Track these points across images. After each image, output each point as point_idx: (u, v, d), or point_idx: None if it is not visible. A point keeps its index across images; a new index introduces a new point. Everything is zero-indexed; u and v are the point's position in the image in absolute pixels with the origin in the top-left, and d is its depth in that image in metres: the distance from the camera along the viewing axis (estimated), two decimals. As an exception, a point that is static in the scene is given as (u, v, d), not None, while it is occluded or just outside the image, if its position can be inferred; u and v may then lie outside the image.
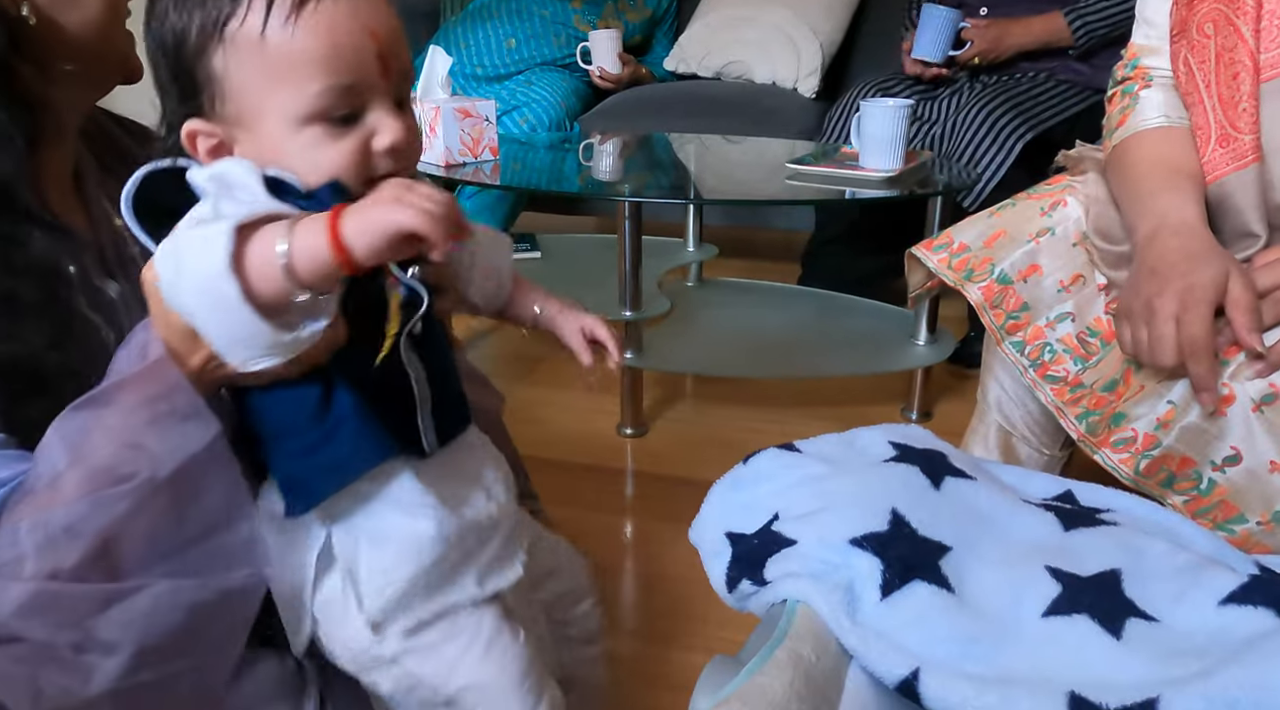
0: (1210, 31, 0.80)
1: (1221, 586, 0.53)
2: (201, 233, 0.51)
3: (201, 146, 0.58)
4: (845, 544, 0.57)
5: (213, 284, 0.49)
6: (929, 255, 0.94)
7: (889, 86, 1.92)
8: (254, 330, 0.51)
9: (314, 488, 0.61)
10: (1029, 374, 0.88)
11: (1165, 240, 0.76)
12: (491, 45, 2.39)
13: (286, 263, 0.49)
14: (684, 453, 1.52)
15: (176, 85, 0.59)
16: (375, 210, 0.50)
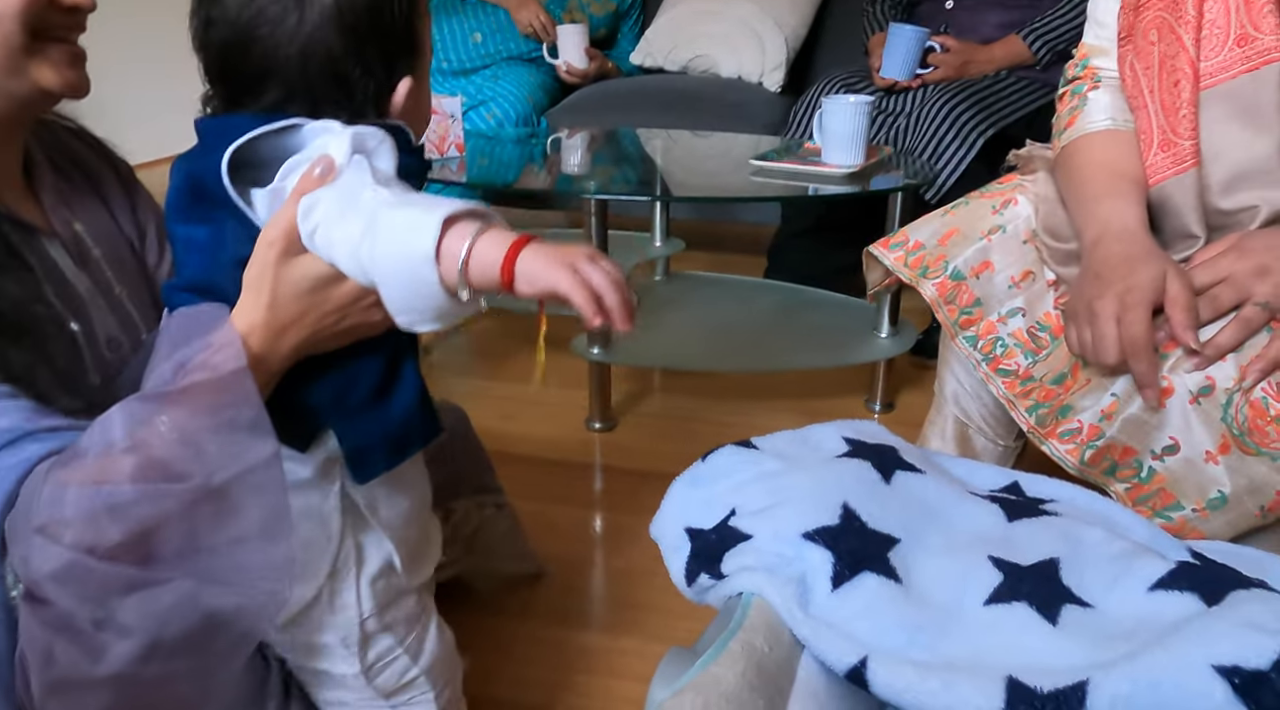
0: (1154, 38, 0.83)
1: (1151, 573, 0.56)
2: (406, 216, 0.55)
3: (406, 98, 0.65)
4: (798, 538, 0.59)
5: (414, 266, 0.54)
6: (885, 253, 0.97)
7: (853, 83, 1.95)
8: (436, 305, 0.56)
9: (380, 459, 0.68)
10: (982, 368, 0.90)
11: (1108, 245, 0.79)
12: (457, 39, 2.39)
13: (463, 265, 0.54)
14: (652, 447, 1.54)
15: (403, 42, 0.64)
16: (553, 264, 0.54)
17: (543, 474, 1.46)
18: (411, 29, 0.66)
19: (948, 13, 1.98)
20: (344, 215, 0.57)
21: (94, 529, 0.55)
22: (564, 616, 1.14)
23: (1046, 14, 1.87)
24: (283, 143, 0.62)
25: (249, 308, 0.60)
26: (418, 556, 0.77)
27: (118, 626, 0.56)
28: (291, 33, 0.61)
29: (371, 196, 0.57)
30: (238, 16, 0.61)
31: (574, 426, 1.61)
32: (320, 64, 0.62)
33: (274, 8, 0.61)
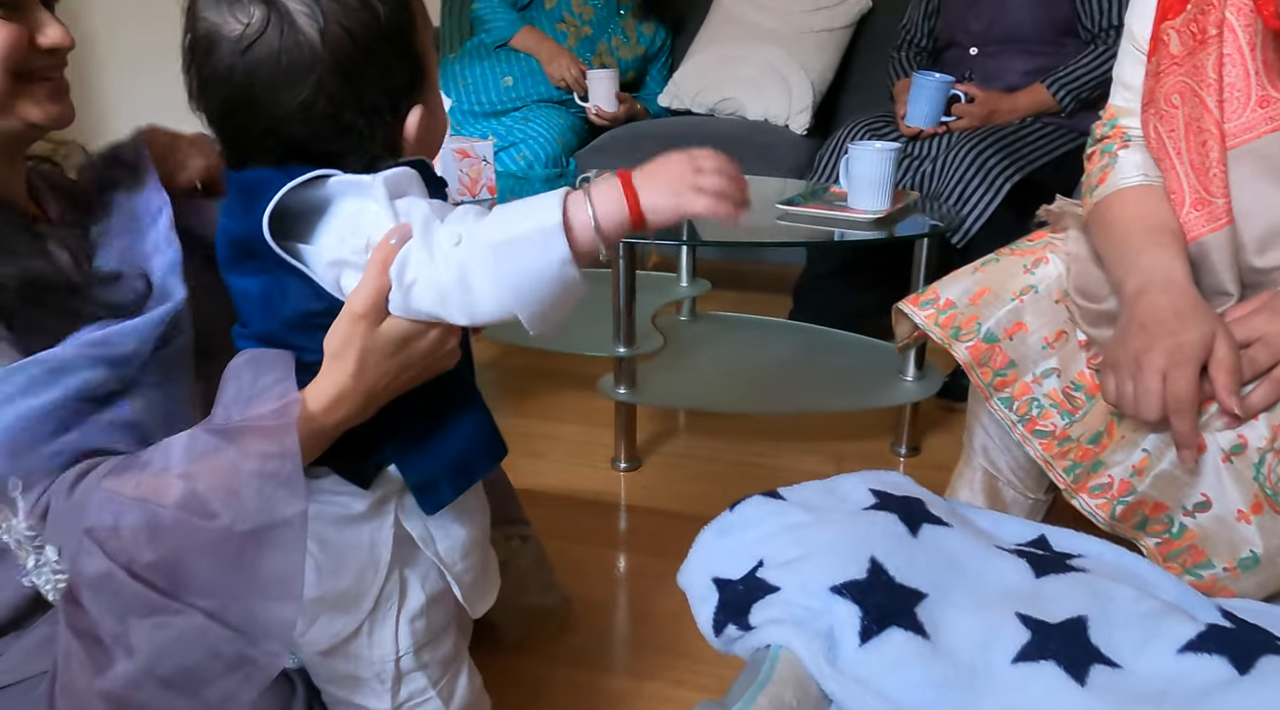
0: (1177, 102, 0.83)
1: (1181, 634, 0.56)
2: (526, 234, 0.56)
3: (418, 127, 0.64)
4: (826, 591, 0.60)
5: (557, 275, 0.56)
6: (916, 311, 0.98)
7: (878, 128, 1.97)
8: (578, 294, 0.58)
9: (447, 488, 0.68)
10: (1018, 429, 0.90)
11: (1154, 297, 0.78)
12: (489, 82, 2.44)
13: (595, 225, 0.56)
14: (677, 488, 1.55)
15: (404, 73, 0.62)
16: (672, 194, 0.57)
17: (567, 513, 1.47)
18: (413, 51, 0.63)
19: (972, 59, 2.00)
20: (443, 262, 0.58)
21: (134, 545, 0.57)
22: (590, 660, 1.14)
23: (1071, 63, 1.89)
24: (313, 192, 0.61)
25: (336, 376, 0.62)
26: (479, 587, 0.77)
27: (126, 645, 0.57)
28: (288, 88, 0.59)
29: (455, 244, 0.58)
30: (230, 76, 0.59)
31: (599, 466, 1.62)
32: (323, 116, 0.60)
33: (266, 66, 0.58)
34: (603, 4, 2.52)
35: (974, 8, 1.98)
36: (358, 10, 0.59)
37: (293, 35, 0.58)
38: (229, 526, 0.58)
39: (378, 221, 0.60)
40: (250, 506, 0.58)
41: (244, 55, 0.58)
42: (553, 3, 2.50)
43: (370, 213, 0.60)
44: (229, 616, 0.59)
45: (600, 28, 2.52)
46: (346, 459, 0.67)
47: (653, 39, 2.62)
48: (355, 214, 0.61)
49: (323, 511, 0.68)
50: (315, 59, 0.58)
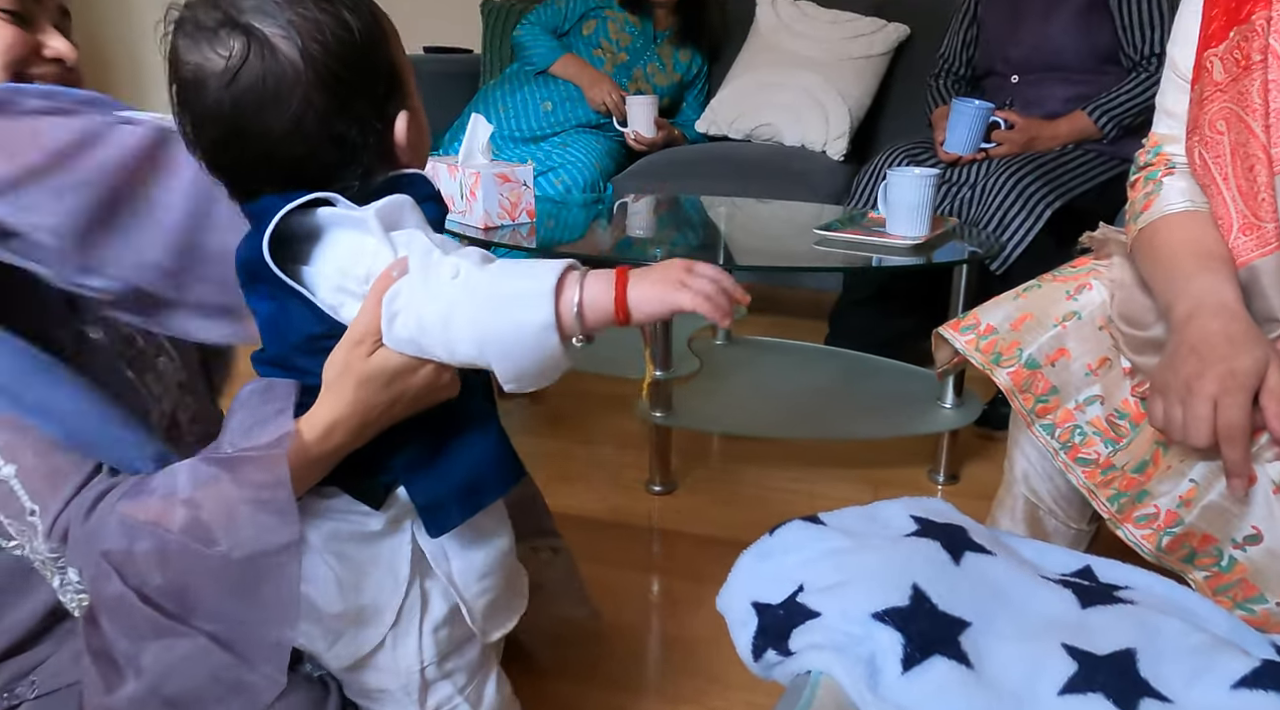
0: (1222, 128, 0.83)
1: (1235, 669, 0.54)
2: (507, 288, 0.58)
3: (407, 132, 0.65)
4: (868, 617, 0.59)
5: (534, 334, 0.57)
6: (956, 336, 0.97)
7: (916, 154, 1.97)
8: (553, 365, 0.58)
9: (454, 511, 0.68)
10: (1060, 457, 0.89)
11: (1205, 321, 0.77)
12: (529, 108, 2.48)
13: (578, 311, 0.57)
14: (711, 512, 1.54)
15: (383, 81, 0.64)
16: (661, 288, 0.58)
17: (601, 536, 1.47)
18: (389, 60, 0.65)
19: (1013, 87, 2.00)
20: (434, 295, 0.59)
21: (145, 569, 0.59)
22: (623, 683, 1.13)
23: (1112, 90, 1.88)
24: (312, 217, 0.63)
25: (333, 404, 0.63)
26: (499, 609, 0.76)
27: (137, 666, 0.59)
28: (277, 109, 0.60)
29: (454, 277, 0.58)
30: (221, 110, 0.60)
31: (633, 489, 1.62)
32: (315, 132, 0.61)
33: (253, 92, 0.60)
34: (639, 31, 2.55)
35: (1014, 36, 1.98)
36: (332, 26, 0.61)
37: (274, 59, 0.60)
38: (227, 553, 0.59)
39: (378, 254, 0.61)
40: (246, 534, 0.59)
41: (230, 87, 0.59)
42: (590, 29, 2.53)
43: (370, 245, 0.61)
44: (232, 640, 0.61)
45: (637, 54, 2.55)
46: (355, 479, 0.67)
47: (689, 66, 2.65)
48: (355, 246, 0.62)
49: (340, 529, 0.69)
50: (298, 77, 0.60)
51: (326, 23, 0.60)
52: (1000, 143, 1.88)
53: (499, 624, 0.76)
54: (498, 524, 0.76)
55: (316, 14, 0.60)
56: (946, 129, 1.90)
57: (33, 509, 0.64)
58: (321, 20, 0.60)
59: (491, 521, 0.74)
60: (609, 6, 2.53)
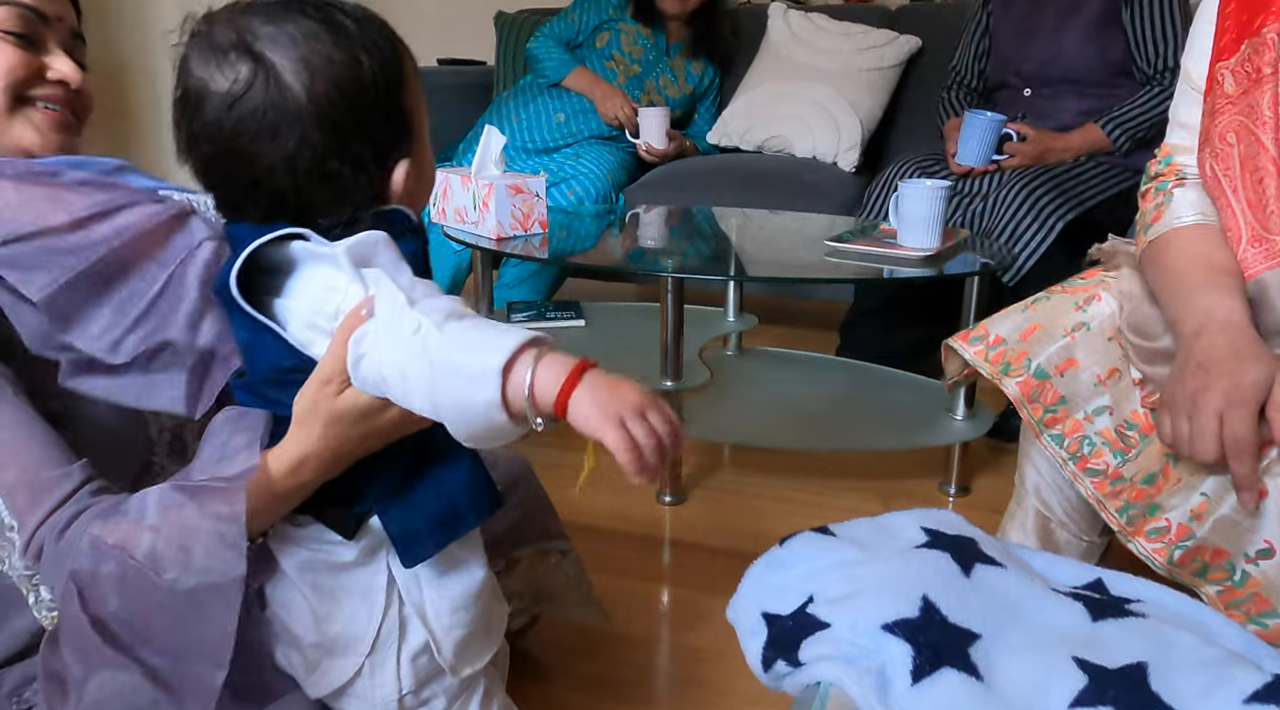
0: (1233, 140, 0.83)
1: (1247, 685, 0.54)
2: (459, 363, 0.55)
3: (405, 180, 0.64)
4: (877, 629, 0.59)
5: (482, 411, 0.55)
6: (965, 347, 0.97)
7: (928, 166, 1.97)
8: (503, 434, 0.56)
9: (428, 541, 0.66)
10: (1069, 467, 0.89)
11: (1212, 337, 0.77)
12: (542, 119, 2.49)
13: (528, 394, 0.54)
14: (722, 522, 1.54)
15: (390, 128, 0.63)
16: (601, 412, 0.54)
17: (612, 546, 1.47)
18: (401, 109, 0.64)
19: (1025, 100, 2.00)
20: (394, 345, 0.57)
21: (106, 592, 0.58)
22: (634, 694, 1.13)
23: (1125, 103, 1.88)
24: (285, 250, 0.61)
25: (301, 439, 0.62)
26: (471, 644, 0.73)
27: (80, 693, 0.59)
28: (273, 141, 0.59)
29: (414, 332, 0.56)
30: (218, 131, 0.60)
31: (644, 499, 1.62)
32: (307, 169, 0.60)
33: (252, 120, 0.59)
34: (652, 43, 2.56)
35: (1027, 49, 1.98)
36: (345, 66, 0.60)
37: (279, 91, 0.59)
38: (172, 583, 0.58)
39: (348, 292, 0.60)
40: (196, 565, 0.59)
41: (231, 110, 0.59)
42: (603, 41, 2.55)
43: (341, 282, 0.60)
44: (168, 676, 0.60)
45: (649, 67, 2.57)
46: (328, 509, 0.66)
47: (701, 78, 2.66)
48: (326, 282, 0.61)
49: (314, 558, 0.68)
50: (301, 113, 0.59)
51: (340, 62, 0.60)
52: (1012, 154, 1.88)
53: (469, 660, 0.73)
54: (472, 556, 0.73)
55: (331, 52, 0.59)
56: (958, 141, 1.90)
57: (12, 524, 0.64)
58: (336, 59, 0.59)
59: (466, 554, 0.72)
60: (622, 19, 2.54)
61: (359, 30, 0.61)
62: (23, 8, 0.73)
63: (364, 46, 0.61)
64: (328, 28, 0.60)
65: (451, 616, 0.70)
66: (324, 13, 0.61)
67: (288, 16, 0.60)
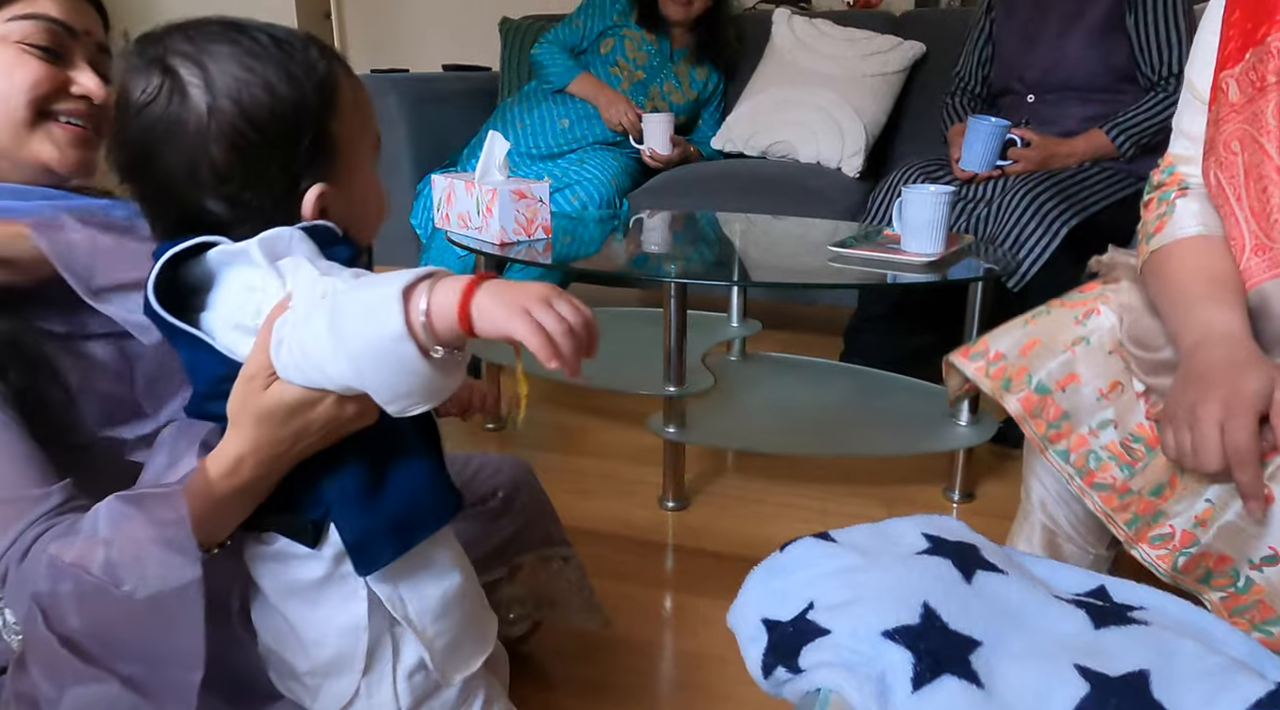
0: (1237, 149, 0.83)
1: (1250, 693, 0.54)
2: (362, 301, 0.54)
3: (315, 205, 0.64)
4: (877, 636, 0.59)
5: (390, 346, 0.53)
6: (966, 364, 0.97)
7: (932, 171, 1.97)
8: (422, 380, 0.54)
9: (385, 548, 0.66)
10: (1075, 482, 0.88)
11: (1210, 349, 0.77)
12: (546, 125, 2.50)
13: (425, 320, 0.53)
14: (725, 528, 1.54)
15: (305, 153, 0.63)
16: (504, 310, 0.53)
17: (614, 551, 1.47)
18: (325, 135, 0.63)
19: (1029, 106, 2.00)
20: (308, 317, 0.56)
21: (67, 610, 0.58)
22: (635, 699, 1.13)
23: (1130, 109, 1.87)
24: (205, 263, 0.62)
25: (236, 439, 0.61)
26: (458, 649, 0.72)
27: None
28: (174, 152, 0.60)
29: (323, 296, 0.56)
30: (128, 137, 0.61)
31: (647, 504, 1.62)
32: (210, 184, 0.61)
33: (156, 129, 0.60)
34: (656, 49, 2.57)
35: (1030, 55, 1.98)
36: (253, 88, 0.60)
37: (181, 103, 0.60)
38: (131, 593, 0.58)
39: (266, 287, 0.60)
40: (151, 573, 0.58)
41: (138, 117, 0.61)
42: (608, 47, 2.56)
43: (257, 278, 0.60)
44: (144, 682, 0.60)
45: (653, 73, 2.57)
46: (284, 517, 0.66)
47: (705, 84, 2.67)
48: (245, 283, 0.61)
49: (291, 580, 0.67)
50: (200, 128, 0.60)
51: (249, 82, 0.60)
52: (1016, 160, 1.88)
53: (459, 666, 0.72)
54: (454, 558, 0.72)
55: (240, 72, 0.60)
56: (962, 146, 1.90)
57: None
58: (243, 79, 0.60)
59: (446, 555, 0.71)
60: (626, 25, 2.55)
61: (282, 55, 0.61)
62: (50, 21, 0.73)
63: (284, 71, 0.61)
64: (246, 51, 0.61)
65: (435, 625, 0.70)
66: (248, 36, 0.62)
67: (209, 37, 0.61)
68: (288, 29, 0.64)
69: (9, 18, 0.72)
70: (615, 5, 2.55)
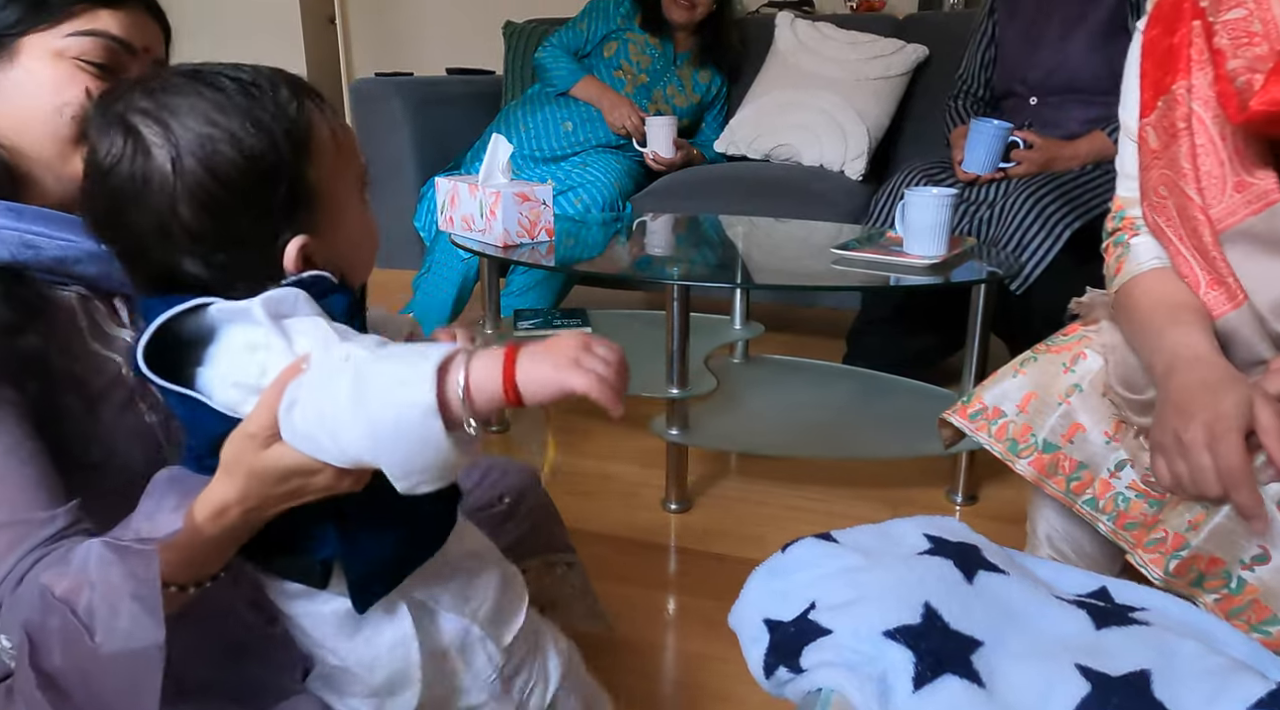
0: (1164, 193, 0.86)
1: (1251, 693, 0.54)
2: (391, 371, 0.53)
3: (297, 259, 0.61)
4: (879, 636, 0.59)
5: (417, 419, 0.51)
6: (966, 423, 0.97)
7: (935, 174, 1.97)
8: (442, 460, 0.53)
9: (379, 584, 0.66)
10: (1107, 526, 0.88)
11: (1183, 374, 0.78)
12: (549, 128, 2.51)
13: (464, 394, 0.52)
14: (727, 530, 1.54)
15: (281, 206, 0.60)
16: (552, 368, 0.53)
17: (618, 553, 1.47)
18: (301, 183, 0.60)
19: (1032, 109, 2.00)
20: (327, 379, 0.54)
21: (51, 646, 0.57)
22: (638, 701, 1.13)
23: None
24: (200, 319, 0.59)
25: (225, 487, 0.59)
26: (500, 615, 0.74)
27: None
28: (141, 214, 0.58)
29: (345, 359, 0.54)
30: (98, 196, 0.60)
31: (650, 506, 1.62)
32: (183, 246, 0.59)
33: (122, 191, 0.58)
34: (660, 53, 2.58)
35: (1033, 58, 1.98)
36: (218, 143, 0.58)
37: (145, 164, 0.58)
38: (96, 647, 0.56)
39: (270, 346, 0.58)
40: (121, 626, 0.57)
41: (106, 179, 0.59)
42: (611, 51, 2.56)
43: (259, 337, 0.58)
44: None
45: (657, 76, 2.58)
46: (291, 560, 0.65)
47: (708, 87, 2.67)
48: (246, 341, 0.59)
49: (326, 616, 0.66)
50: (164, 186, 0.57)
51: (213, 138, 0.57)
52: (1019, 162, 1.88)
53: (507, 628, 0.75)
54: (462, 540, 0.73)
55: (204, 128, 0.57)
56: (965, 149, 1.90)
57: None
58: (207, 135, 0.57)
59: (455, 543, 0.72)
60: (630, 29, 2.56)
61: (249, 102, 0.59)
62: (110, 39, 0.71)
63: (251, 121, 0.58)
64: (211, 103, 0.58)
65: (469, 605, 0.71)
66: (212, 87, 0.59)
67: (170, 91, 0.58)
68: (255, 69, 0.61)
69: (69, 33, 0.70)
70: (619, 9, 2.56)
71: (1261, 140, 0.80)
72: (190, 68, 0.61)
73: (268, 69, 0.62)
